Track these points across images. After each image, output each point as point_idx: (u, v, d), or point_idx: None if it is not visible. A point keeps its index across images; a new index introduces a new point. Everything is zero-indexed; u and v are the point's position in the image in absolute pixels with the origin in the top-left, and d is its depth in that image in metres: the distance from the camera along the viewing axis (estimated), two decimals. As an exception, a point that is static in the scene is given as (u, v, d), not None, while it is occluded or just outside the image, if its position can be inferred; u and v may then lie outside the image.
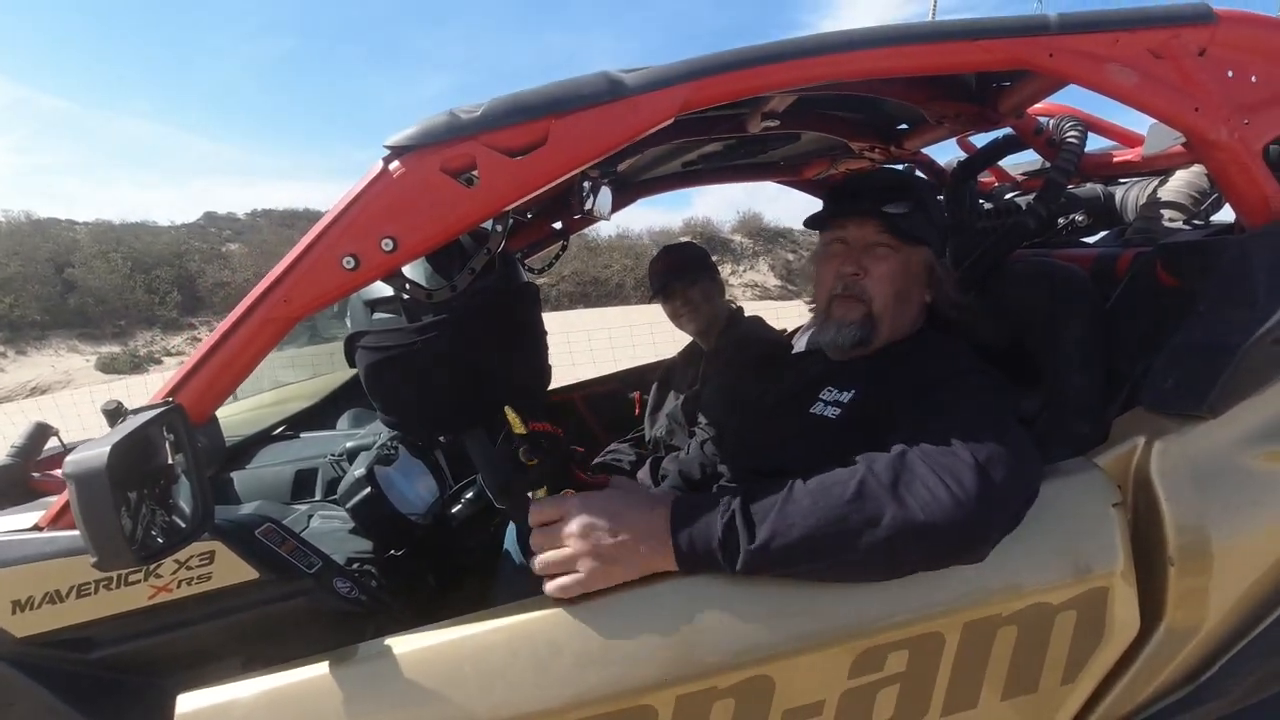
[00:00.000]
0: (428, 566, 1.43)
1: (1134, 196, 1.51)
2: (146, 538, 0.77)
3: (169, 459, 0.84)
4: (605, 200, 1.19)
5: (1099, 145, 1.63)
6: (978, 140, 1.68)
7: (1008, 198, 1.76)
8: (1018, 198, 1.75)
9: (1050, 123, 1.38)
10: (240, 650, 0.98)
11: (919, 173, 1.86)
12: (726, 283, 2.33)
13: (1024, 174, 1.86)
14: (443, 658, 0.80)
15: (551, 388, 1.75)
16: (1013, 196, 1.78)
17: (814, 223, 1.15)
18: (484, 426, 1.19)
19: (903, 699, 0.83)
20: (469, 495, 1.51)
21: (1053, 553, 0.83)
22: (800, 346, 1.67)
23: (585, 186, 1.12)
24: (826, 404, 1.04)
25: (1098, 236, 1.60)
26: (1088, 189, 1.63)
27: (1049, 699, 0.86)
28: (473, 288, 0.96)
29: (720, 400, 1.76)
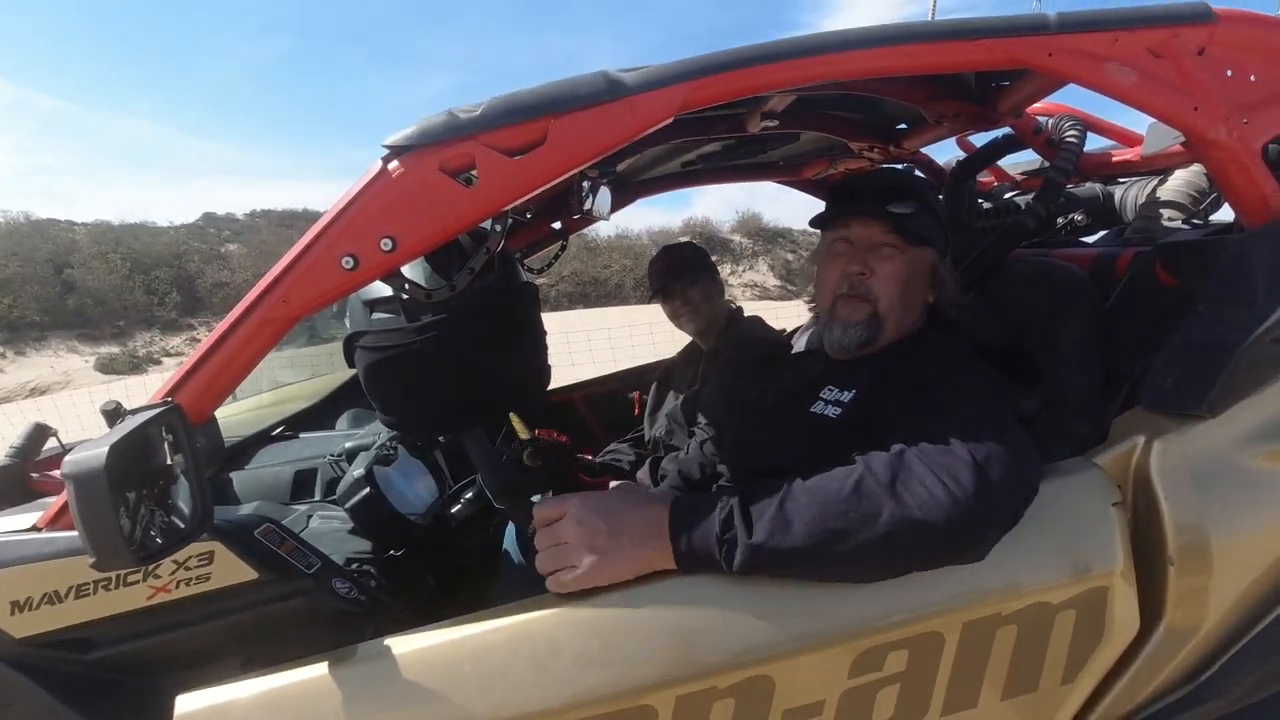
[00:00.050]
0: (427, 567, 1.43)
1: (1133, 196, 1.51)
2: (145, 538, 0.77)
3: (168, 459, 0.84)
4: (604, 200, 1.20)
5: (1098, 145, 1.63)
6: (977, 140, 1.68)
7: (1007, 197, 1.76)
8: (1017, 197, 1.75)
9: (1049, 122, 1.38)
10: (239, 651, 0.98)
11: (918, 172, 1.86)
12: (726, 283, 2.33)
13: (1023, 173, 1.86)
14: (442, 658, 0.80)
15: (551, 388, 1.75)
16: (1012, 196, 1.78)
17: (819, 222, 1.15)
18: (483, 426, 1.19)
19: (903, 699, 0.83)
20: (468, 495, 1.51)
21: (1052, 552, 0.83)
22: (800, 346, 1.67)
23: (584, 186, 1.13)
24: (827, 403, 1.04)
25: (1097, 236, 1.60)
26: (1087, 188, 1.63)
27: (1049, 698, 0.86)
28: (472, 288, 0.96)
29: (720, 400, 1.75)
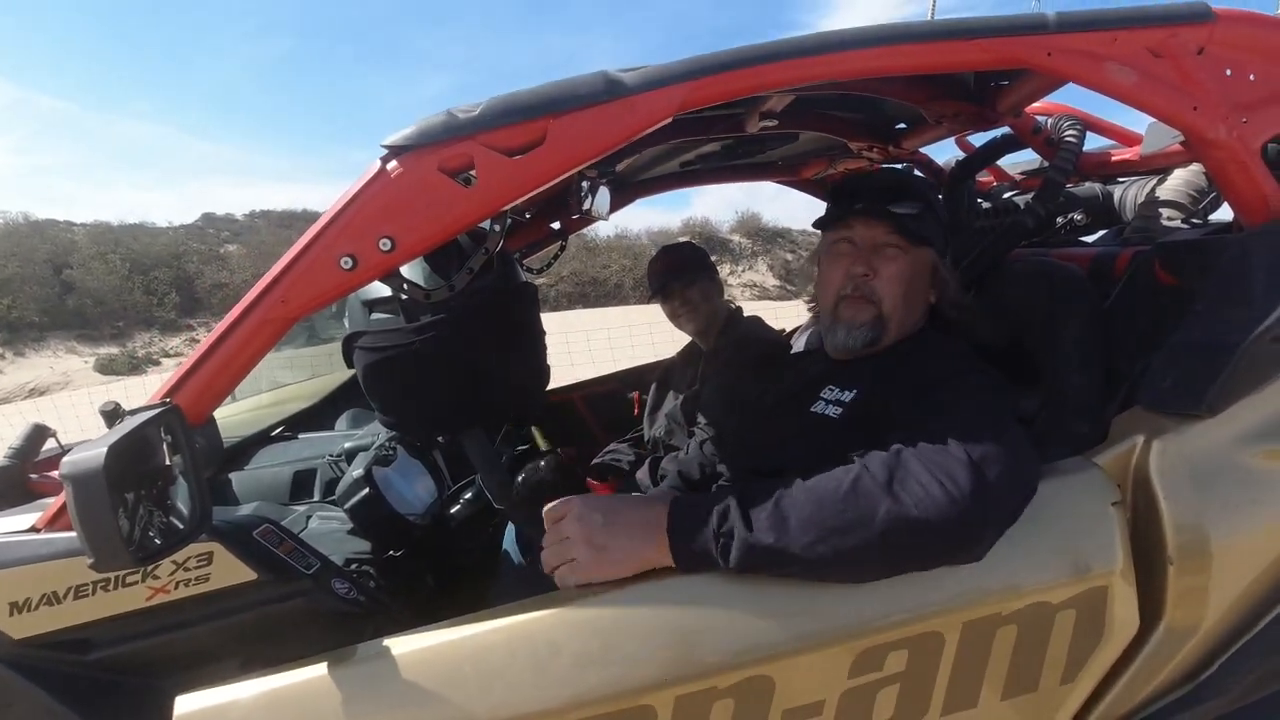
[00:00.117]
0: (426, 567, 1.43)
1: (1132, 195, 1.51)
2: (144, 539, 0.77)
3: (166, 460, 0.84)
4: (603, 200, 1.20)
5: (1097, 144, 1.63)
6: (976, 140, 1.68)
7: (1006, 197, 1.76)
8: (1016, 197, 1.75)
9: (1048, 122, 1.38)
10: (238, 651, 0.97)
11: (917, 172, 1.86)
12: (725, 283, 2.33)
13: (1022, 173, 1.87)
14: (442, 658, 0.79)
15: (550, 388, 1.75)
16: (1011, 196, 1.78)
17: (821, 223, 1.15)
18: (482, 427, 1.19)
19: (903, 698, 0.83)
20: (467, 496, 1.51)
21: (1052, 552, 0.83)
22: (799, 346, 1.67)
23: (583, 186, 1.12)
24: (828, 403, 1.04)
25: (1096, 235, 1.60)
26: (1086, 188, 1.63)
27: (1049, 698, 0.86)
28: (471, 288, 0.95)
29: (719, 400, 1.75)
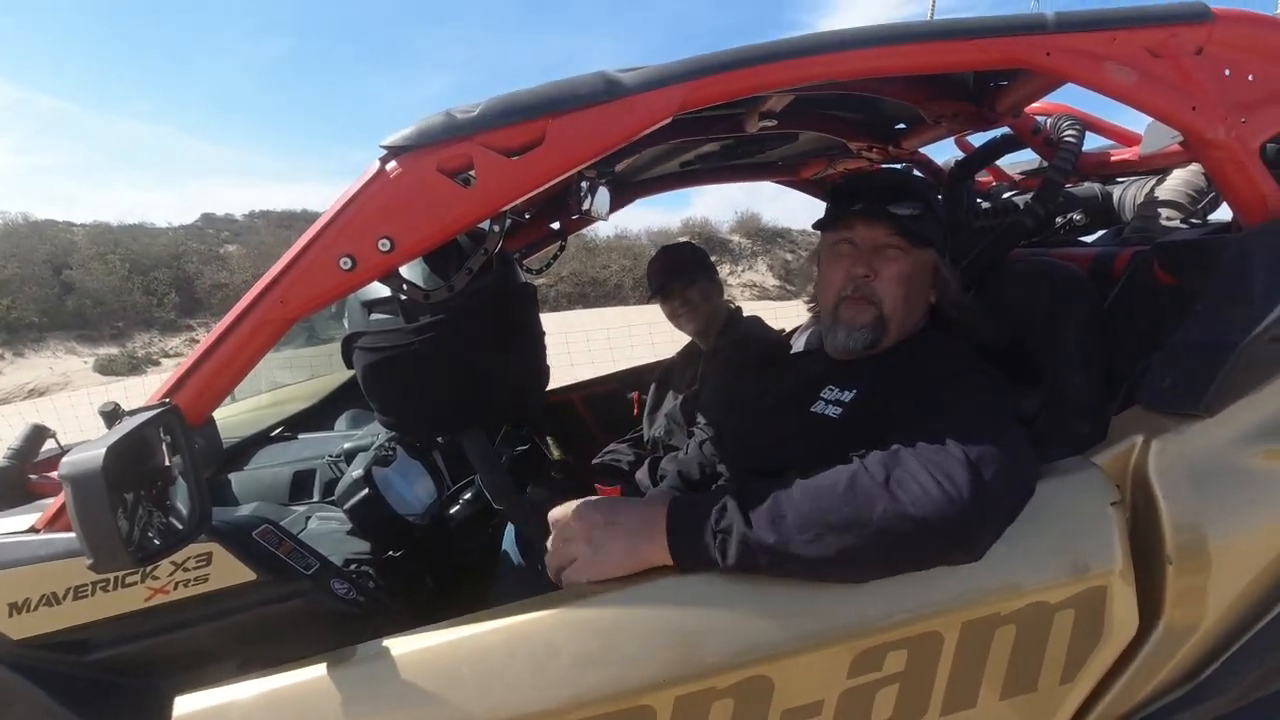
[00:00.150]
0: (426, 567, 1.43)
1: (1131, 195, 1.51)
2: (143, 539, 0.77)
3: (166, 460, 0.84)
4: (603, 200, 1.19)
5: (1096, 144, 1.63)
6: (975, 140, 1.69)
7: (1005, 197, 1.76)
8: (1015, 197, 1.75)
9: (1048, 122, 1.38)
10: (238, 652, 0.98)
11: (916, 172, 1.86)
12: (725, 283, 2.33)
13: (1022, 173, 1.87)
14: (441, 659, 0.79)
15: (550, 388, 1.75)
16: (1010, 196, 1.78)
17: (822, 224, 1.15)
18: (482, 427, 1.19)
19: (902, 699, 0.83)
20: (467, 496, 1.51)
21: (1051, 552, 0.83)
22: (799, 346, 1.67)
23: (583, 186, 1.12)
24: (828, 403, 1.04)
25: (1095, 235, 1.60)
26: (1085, 188, 1.63)
27: (1048, 698, 0.86)
28: (470, 288, 0.95)
29: (719, 400, 1.75)
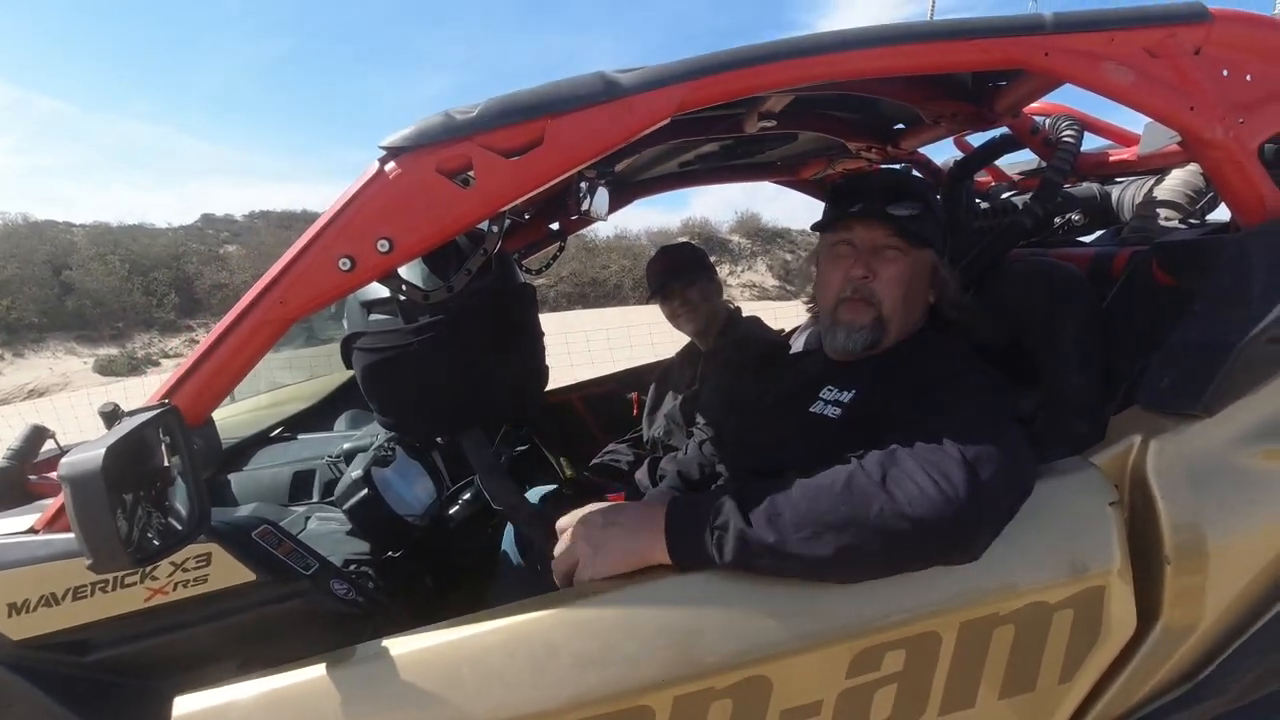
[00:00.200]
0: (425, 568, 1.43)
1: (1130, 196, 1.51)
2: (142, 540, 0.77)
3: (165, 461, 0.84)
4: (602, 201, 1.19)
5: (1095, 144, 1.63)
6: (974, 140, 1.69)
7: (1004, 197, 1.76)
8: (1014, 197, 1.75)
9: (1046, 122, 1.38)
10: (237, 652, 0.98)
11: (915, 172, 1.86)
12: (724, 283, 2.33)
13: (1020, 173, 1.87)
14: (440, 659, 0.80)
15: (549, 388, 1.75)
16: (1009, 196, 1.78)
17: (821, 225, 1.15)
18: (481, 428, 1.19)
19: (900, 698, 0.83)
20: (466, 496, 1.51)
21: (1049, 552, 0.83)
22: (798, 346, 1.67)
23: (582, 187, 1.12)
24: (827, 403, 1.04)
25: (1094, 236, 1.60)
26: (1084, 188, 1.63)
27: (1046, 698, 0.86)
28: (469, 289, 0.95)
29: (719, 400, 1.76)
